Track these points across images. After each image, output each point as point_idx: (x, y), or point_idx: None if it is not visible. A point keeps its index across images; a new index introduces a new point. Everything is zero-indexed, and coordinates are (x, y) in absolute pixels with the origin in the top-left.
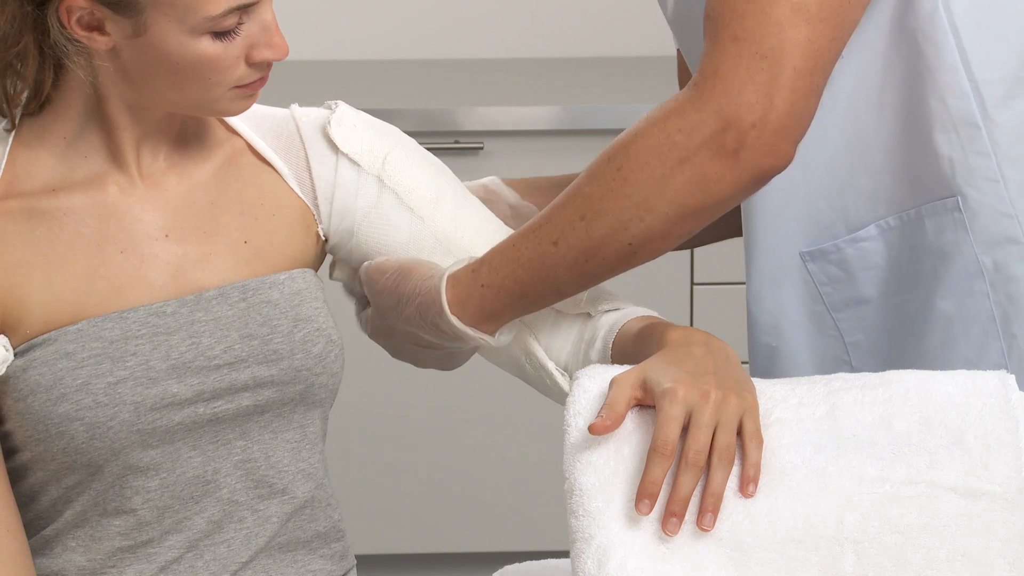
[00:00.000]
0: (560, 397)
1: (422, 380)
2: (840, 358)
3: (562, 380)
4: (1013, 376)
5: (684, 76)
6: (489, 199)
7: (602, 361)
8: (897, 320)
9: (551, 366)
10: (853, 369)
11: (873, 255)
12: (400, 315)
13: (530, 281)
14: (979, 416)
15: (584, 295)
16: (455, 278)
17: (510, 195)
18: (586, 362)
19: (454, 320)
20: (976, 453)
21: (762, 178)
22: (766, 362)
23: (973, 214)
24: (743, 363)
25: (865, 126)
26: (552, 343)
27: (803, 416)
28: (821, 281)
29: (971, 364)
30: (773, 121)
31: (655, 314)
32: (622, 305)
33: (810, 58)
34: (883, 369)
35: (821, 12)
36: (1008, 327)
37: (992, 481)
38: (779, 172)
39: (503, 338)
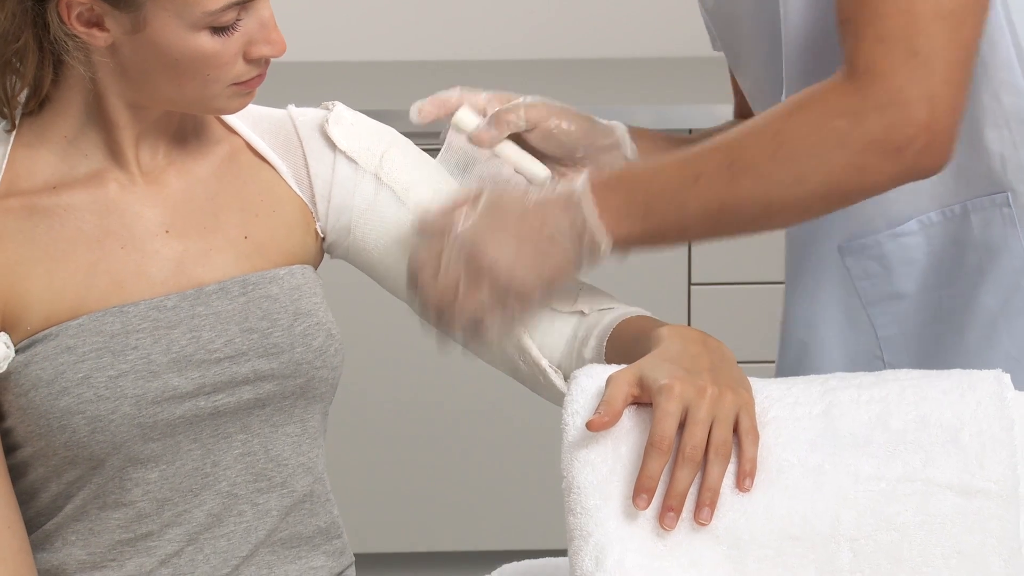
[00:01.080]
0: (553, 395)
1: (420, 380)
2: (872, 353)
3: (556, 378)
4: (1008, 375)
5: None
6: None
7: (596, 360)
8: (934, 315)
9: (545, 363)
10: (885, 363)
11: (913, 250)
12: (514, 208)
13: (659, 203)
14: (974, 414)
15: (578, 293)
16: (594, 173)
17: (631, 148)
18: (580, 361)
19: (585, 187)
20: (971, 451)
21: (920, 176)
22: (797, 355)
23: (1023, 210)
24: (767, 362)
25: None
26: (546, 341)
27: (799, 415)
28: (858, 276)
29: (1013, 360)
30: (939, 120)
31: (649, 314)
32: (616, 305)
33: (959, 49)
34: (918, 364)
35: (960, 9)
36: None
37: (987, 479)
38: (936, 174)
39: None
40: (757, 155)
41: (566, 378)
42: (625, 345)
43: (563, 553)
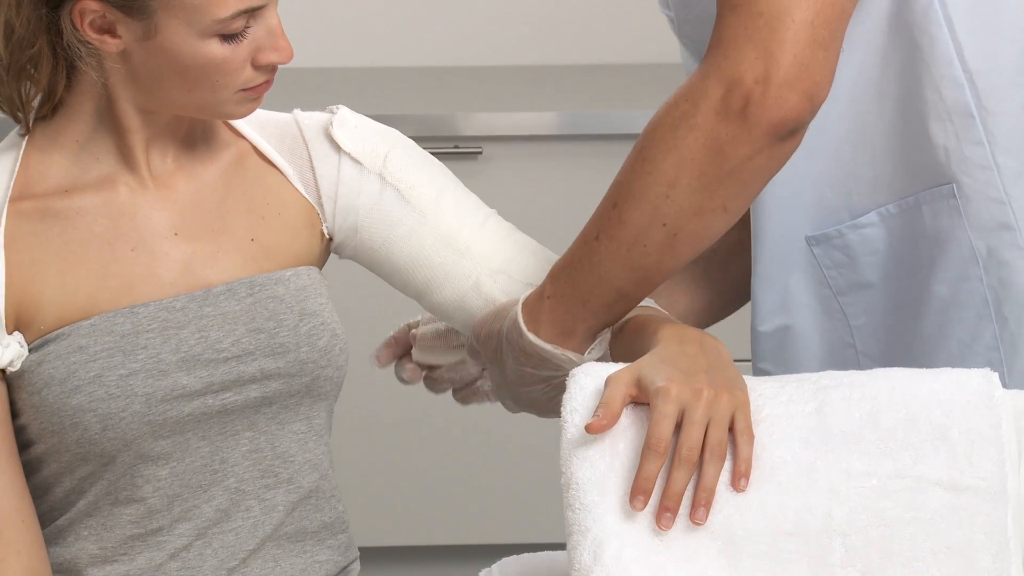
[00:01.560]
0: None
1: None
2: (845, 340)
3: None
4: (996, 374)
5: None
6: None
7: (599, 348)
8: (897, 304)
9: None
10: (858, 351)
11: (874, 241)
12: (500, 355)
13: (585, 283)
14: (963, 413)
15: None
16: (528, 299)
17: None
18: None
19: (530, 336)
20: (960, 449)
21: (776, 134)
22: (777, 343)
23: (967, 200)
24: (744, 360)
25: (866, 116)
26: None
27: (792, 412)
28: (826, 265)
29: (965, 347)
30: (777, 74)
31: (652, 303)
32: None
33: (808, 10)
34: (886, 351)
35: None
36: (1000, 310)
37: (975, 476)
38: (796, 128)
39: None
40: (628, 179)
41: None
42: (627, 338)
43: (562, 547)
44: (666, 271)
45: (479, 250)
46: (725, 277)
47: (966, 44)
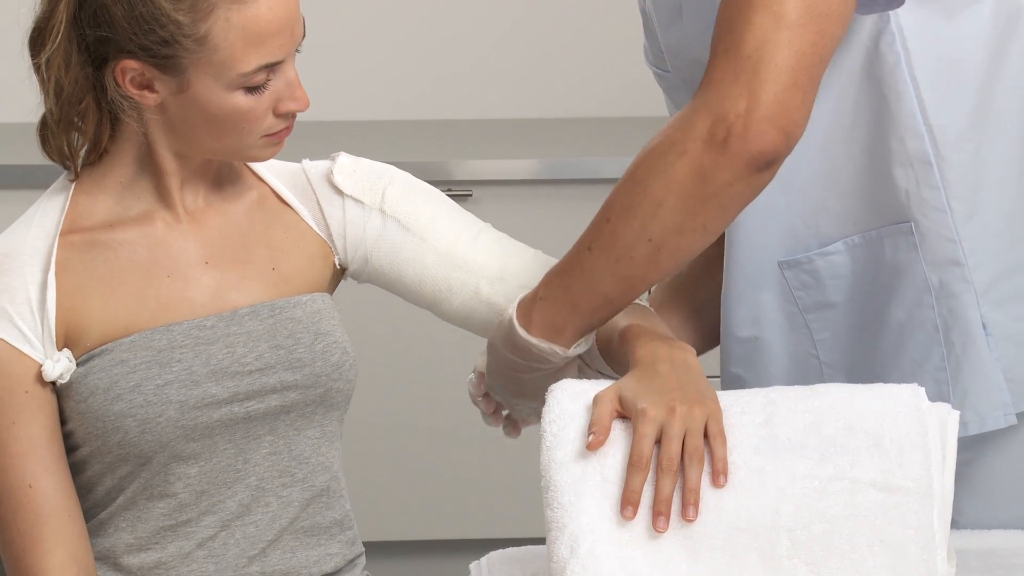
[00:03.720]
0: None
1: (421, 391)
2: (809, 352)
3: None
4: (923, 389)
5: None
6: None
7: (584, 344)
8: (858, 323)
9: None
10: (821, 362)
11: (840, 267)
12: (496, 348)
13: (576, 288)
14: (894, 422)
15: None
16: (523, 300)
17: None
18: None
19: (521, 332)
20: (892, 454)
21: (755, 165)
22: (747, 352)
23: (923, 238)
24: (715, 376)
25: (837, 158)
26: None
27: (744, 423)
28: (795, 286)
29: (917, 365)
30: (757, 110)
31: (640, 302)
32: None
33: (790, 56)
34: (847, 362)
35: (799, 19)
36: (948, 336)
37: (906, 478)
38: (774, 160)
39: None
40: (621, 198)
41: None
42: (615, 344)
43: (543, 542)
44: (649, 281)
45: (476, 261)
46: (703, 295)
47: (928, 100)
